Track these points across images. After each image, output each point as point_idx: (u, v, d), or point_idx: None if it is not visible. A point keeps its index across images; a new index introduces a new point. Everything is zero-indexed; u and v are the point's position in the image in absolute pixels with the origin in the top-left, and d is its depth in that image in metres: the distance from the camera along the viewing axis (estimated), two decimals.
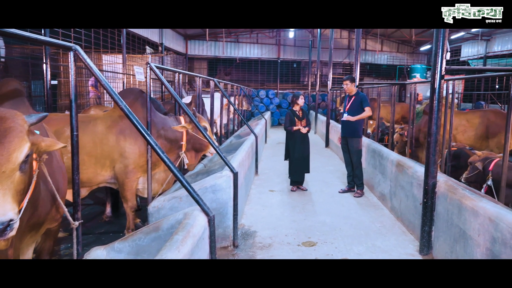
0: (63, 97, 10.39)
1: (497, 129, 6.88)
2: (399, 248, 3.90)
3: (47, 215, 2.34)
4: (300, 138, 6.00)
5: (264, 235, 4.22)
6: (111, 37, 10.42)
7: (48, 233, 2.49)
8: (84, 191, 4.06)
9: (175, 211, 3.59)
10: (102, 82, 2.42)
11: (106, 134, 3.94)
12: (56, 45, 2.39)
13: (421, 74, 19.37)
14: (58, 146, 1.87)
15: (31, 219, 2.12)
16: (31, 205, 1.95)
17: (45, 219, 2.33)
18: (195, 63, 21.10)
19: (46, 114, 1.83)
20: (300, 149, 5.99)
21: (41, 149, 1.82)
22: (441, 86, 3.55)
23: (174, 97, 4.07)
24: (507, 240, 2.51)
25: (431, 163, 3.59)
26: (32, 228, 2.20)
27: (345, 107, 6.00)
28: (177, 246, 1.94)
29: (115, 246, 2.59)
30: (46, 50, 6.29)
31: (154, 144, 2.48)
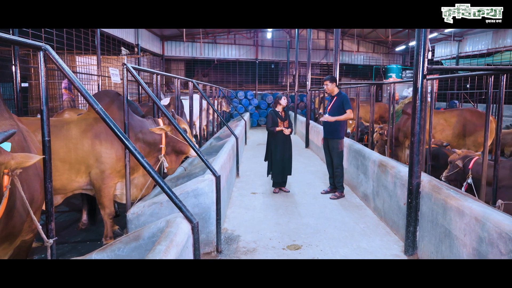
0: (34, 100, 10.02)
1: (473, 127, 7.01)
2: (384, 249, 3.88)
3: (22, 225, 2.19)
4: (282, 139, 5.91)
5: (248, 239, 4.12)
6: (85, 38, 10.10)
7: (22, 245, 2.34)
8: (59, 198, 3.86)
9: (156, 217, 3.45)
10: (75, 83, 2.27)
11: (80, 139, 3.75)
12: (24, 44, 2.22)
13: (397, 74, 19.71)
14: (32, 162, 1.73)
15: (4, 229, 1.97)
16: (5, 216, 1.81)
17: (20, 230, 2.18)
18: (172, 64, 20.80)
19: (14, 131, 1.67)
20: (282, 150, 5.91)
21: (11, 167, 1.69)
22: (424, 86, 3.55)
23: (153, 98, 3.93)
24: (494, 240, 2.50)
25: (415, 163, 3.58)
26: (6, 240, 2.05)
27: (327, 107, 5.92)
28: (160, 257, 1.82)
29: (93, 257, 2.44)
30: (15, 50, 6.00)
31: (133, 148, 2.35)
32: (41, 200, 2.41)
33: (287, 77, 20.89)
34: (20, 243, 2.30)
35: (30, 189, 2.20)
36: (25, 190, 2.12)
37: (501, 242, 2.42)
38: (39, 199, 2.34)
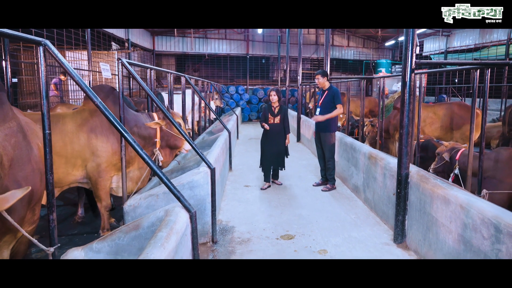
0: (25, 95, 9.96)
1: (461, 121, 7.18)
2: (374, 238, 4.01)
3: (22, 220, 2.26)
4: (272, 134, 5.85)
5: (242, 230, 4.22)
6: (75, 33, 10.06)
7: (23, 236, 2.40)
8: (55, 192, 3.90)
9: (152, 209, 3.53)
10: (75, 78, 2.33)
11: (76, 133, 3.80)
12: (25, 39, 2.27)
13: (387, 69, 19.93)
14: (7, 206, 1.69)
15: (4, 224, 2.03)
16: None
17: (20, 224, 2.24)
18: (163, 59, 20.72)
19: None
20: (270, 145, 5.86)
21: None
22: (412, 80, 3.66)
23: (148, 93, 3.99)
24: (477, 225, 2.63)
25: (403, 155, 3.70)
26: (7, 233, 2.11)
27: (318, 101, 6.00)
28: (162, 243, 1.91)
29: (93, 246, 2.52)
30: (5, 45, 5.98)
31: (132, 141, 2.42)
32: (41, 193, 2.47)
33: (278, 72, 20.98)
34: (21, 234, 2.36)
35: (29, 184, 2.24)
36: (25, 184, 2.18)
37: (483, 227, 2.55)
38: (38, 193, 2.39)
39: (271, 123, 5.84)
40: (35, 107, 8.71)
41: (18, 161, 2.21)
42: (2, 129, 2.13)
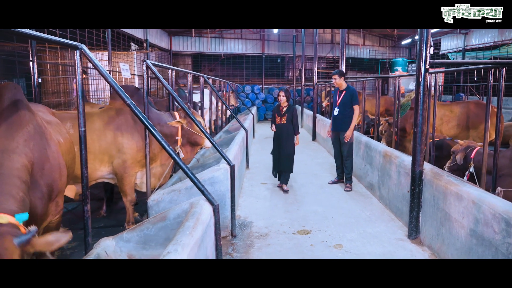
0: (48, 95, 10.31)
1: (478, 119, 7.18)
2: (389, 234, 4.11)
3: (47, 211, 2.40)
4: (279, 134, 5.71)
5: (260, 225, 4.37)
6: (96, 34, 10.37)
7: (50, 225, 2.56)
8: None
9: (174, 203, 3.71)
10: (108, 79, 2.52)
11: (103, 130, 4.02)
12: (62, 44, 2.47)
13: (403, 68, 19.78)
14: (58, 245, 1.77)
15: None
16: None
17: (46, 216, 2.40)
18: (180, 59, 21.04)
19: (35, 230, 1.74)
20: (279, 146, 5.72)
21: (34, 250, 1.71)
22: (426, 79, 3.76)
23: (171, 93, 4.18)
24: (488, 220, 2.72)
25: (417, 152, 3.80)
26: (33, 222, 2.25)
27: (336, 101, 6.05)
28: (190, 231, 2.08)
29: (124, 236, 2.70)
30: (32, 47, 6.26)
31: (160, 138, 2.60)
32: (61, 186, 2.59)
33: (293, 71, 21.06)
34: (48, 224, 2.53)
35: (50, 179, 2.40)
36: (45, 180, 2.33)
37: (494, 222, 2.64)
38: (58, 186, 2.52)
39: (278, 123, 5.74)
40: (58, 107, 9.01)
41: (38, 161, 2.35)
42: (21, 135, 2.25)
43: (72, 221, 4.57)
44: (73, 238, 4.20)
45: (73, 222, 4.57)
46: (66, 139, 3.03)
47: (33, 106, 2.98)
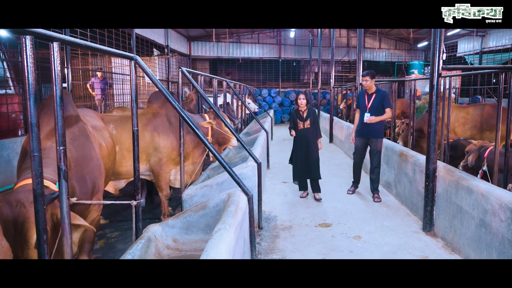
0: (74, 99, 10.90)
1: (493, 121, 7.36)
2: (405, 227, 4.41)
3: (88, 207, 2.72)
4: (304, 141, 5.47)
5: (284, 219, 4.72)
6: (123, 40, 10.89)
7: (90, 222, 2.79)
8: (123, 182, 4.56)
9: (206, 198, 4.09)
10: (158, 86, 2.90)
11: (142, 131, 4.43)
12: (118, 55, 2.86)
13: (419, 70, 19.90)
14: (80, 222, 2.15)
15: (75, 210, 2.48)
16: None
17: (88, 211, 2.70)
18: (198, 63, 21.61)
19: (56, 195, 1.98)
20: (303, 153, 5.49)
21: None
22: (439, 83, 4.06)
23: (203, 96, 4.57)
24: (495, 210, 3.02)
25: (431, 150, 4.10)
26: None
27: (366, 106, 5.59)
28: (233, 214, 2.44)
29: (169, 223, 3.09)
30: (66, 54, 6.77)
31: (202, 137, 2.98)
32: (101, 184, 2.93)
33: (309, 74, 21.39)
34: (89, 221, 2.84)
35: (92, 178, 2.70)
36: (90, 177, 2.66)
37: (501, 211, 2.94)
38: (99, 185, 2.85)
39: (301, 128, 5.48)
40: None
41: (82, 159, 2.67)
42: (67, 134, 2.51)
43: (112, 214, 5.02)
44: (115, 228, 4.64)
45: (113, 215, 5.01)
46: (108, 143, 3.38)
47: (82, 111, 3.39)
